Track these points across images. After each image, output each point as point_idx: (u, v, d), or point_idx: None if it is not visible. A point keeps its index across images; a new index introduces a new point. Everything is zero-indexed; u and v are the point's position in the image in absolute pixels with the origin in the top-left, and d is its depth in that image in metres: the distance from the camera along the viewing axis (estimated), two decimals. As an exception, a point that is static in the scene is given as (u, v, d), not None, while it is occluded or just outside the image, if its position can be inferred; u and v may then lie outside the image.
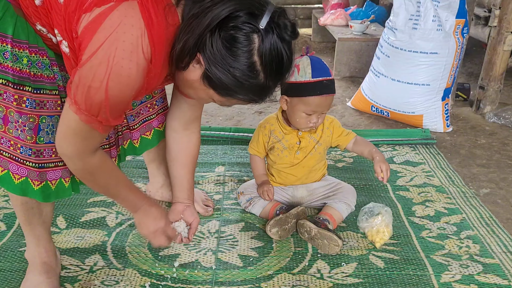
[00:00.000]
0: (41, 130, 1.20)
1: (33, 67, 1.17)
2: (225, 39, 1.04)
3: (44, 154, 1.22)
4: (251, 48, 1.05)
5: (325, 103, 1.62)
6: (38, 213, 1.34)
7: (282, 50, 1.08)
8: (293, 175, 1.80)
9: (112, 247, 1.62)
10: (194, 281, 1.48)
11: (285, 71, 1.12)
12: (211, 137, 2.39)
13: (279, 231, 1.65)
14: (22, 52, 1.14)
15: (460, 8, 2.46)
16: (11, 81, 1.14)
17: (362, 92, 2.86)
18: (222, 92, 1.12)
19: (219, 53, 1.05)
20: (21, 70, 1.14)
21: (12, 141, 1.19)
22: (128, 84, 1.06)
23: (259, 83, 1.10)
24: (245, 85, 1.09)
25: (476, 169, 2.21)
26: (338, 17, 3.77)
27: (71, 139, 1.12)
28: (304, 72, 1.60)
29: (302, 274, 1.51)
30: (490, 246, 1.65)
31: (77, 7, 1.05)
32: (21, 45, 1.14)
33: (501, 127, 2.68)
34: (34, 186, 1.23)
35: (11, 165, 1.20)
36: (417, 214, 1.83)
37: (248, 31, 1.04)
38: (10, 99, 1.15)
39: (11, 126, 1.17)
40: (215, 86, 1.11)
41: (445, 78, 2.57)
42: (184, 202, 1.51)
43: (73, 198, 1.87)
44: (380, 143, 2.40)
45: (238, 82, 1.08)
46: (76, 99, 1.06)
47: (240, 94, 1.12)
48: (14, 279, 1.46)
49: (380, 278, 1.50)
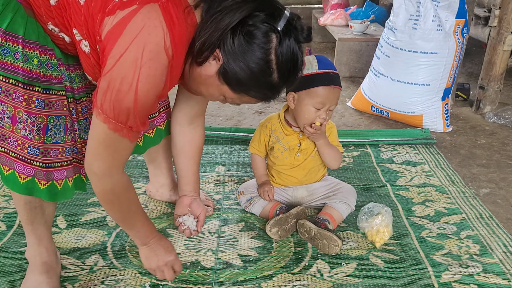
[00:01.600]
0: (49, 130, 1.22)
1: (43, 67, 1.18)
2: (244, 34, 1.08)
3: (51, 154, 1.24)
4: (269, 47, 1.09)
5: (333, 96, 1.63)
6: (40, 212, 1.34)
7: (298, 52, 1.13)
8: (293, 177, 1.80)
9: (112, 247, 1.62)
10: (194, 281, 1.48)
11: (297, 72, 1.17)
12: (211, 137, 2.39)
13: (279, 231, 1.65)
14: (32, 52, 1.16)
15: (460, 8, 2.46)
16: (21, 81, 1.15)
17: (362, 92, 2.86)
18: (236, 88, 1.15)
19: (238, 48, 1.08)
20: (31, 71, 1.16)
21: (20, 141, 1.20)
22: (155, 85, 1.08)
23: (273, 81, 1.14)
24: (259, 81, 1.12)
25: (476, 169, 2.21)
26: (338, 17, 3.77)
27: (102, 153, 1.13)
28: (310, 65, 1.63)
29: (302, 274, 1.51)
30: (490, 246, 1.65)
31: (100, 9, 1.07)
32: (31, 45, 1.15)
33: (501, 127, 2.68)
34: (40, 185, 1.24)
35: (17, 165, 1.21)
36: (417, 214, 1.83)
37: (267, 30, 1.08)
38: (19, 99, 1.16)
39: (19, 126, 1.18)
40: (230, 82, 1.14)
41: (445, 78, 2.57)
42: (191, 195, 1.53)
43: (73, 198, 1.87)
44: (380, 143, 2.40)
45: (253, 77, 1.11)
46: (104, 108, 1.07)
47: (253, 91, 1.16)
48: (14, 279, 1.46)
49: (380, 278, 1.50)
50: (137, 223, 1.31)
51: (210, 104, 3.09)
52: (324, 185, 1.84)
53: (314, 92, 1.61)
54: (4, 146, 1.20)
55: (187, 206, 1.51)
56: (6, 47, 1.12)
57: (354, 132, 2.51)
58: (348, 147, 2.37)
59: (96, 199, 1.88)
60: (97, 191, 1.20)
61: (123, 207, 1.25)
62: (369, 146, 2.38)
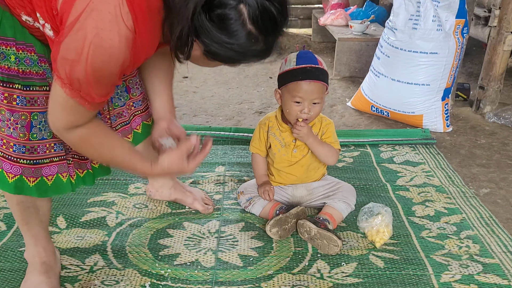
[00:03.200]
0: (33, 127, 1.20)
1: (21, 64, 1.16)
2: (215, 19, 1.03)
3: (38, 150, 1.23)
4: (242, 19, 1.04)
5: (310, 90, 1.62)
6: (34, 212, 1.34)
7: (270, 6, 1.06)
8: (292, 175, 1.80)
9: (112, 247, 1.62)
10: (194, 281, 1.48)
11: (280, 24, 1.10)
12: (211, 137, 2.39)
13: (279, 231, 1.65)
14: (9, 49, 1.13)
15: (460, 8, 2.46)
16: (0, 79, 1.14)
17: (362, 92, 2.86)
18: (228, 62, 1.14)
19: (214, 35, 1.04)
20: (9, 68, 1.14)
21: (5, 140, 1.19)
22: (111, 56, 1.02)
23: (260, 47, 1.10)
24: (247, 53, 1.10)
25: (476, 169, 2.21)
26: (338, 17, 3.77)
27: (58, 113, 1.10)
28: (290, 62, 1.66)
29: (302, 274, 1.51)
30: (490, 246, 1.65)
31: None
32: (7, 42, 1.13)
33: (501, 127, 2.68)
34: (29, 183, 1.23)
35: (4, 164, 1.21)
36: (417, 214, 1.83)
37: (234, 4, 1.02)
38: (0, 97, 1.15)
39: (3, 124, 1.18)
40: (220, 59, 1.12)
41: (445, 78, 2.57)
42: (167, 117, 1.47)
43: (73, 198, 1.88)
44: (380, 143, 2.40)
45: (240, 53, 1.09)
46: (59, 73, 1.04)
47: (245, 61, 1.14)
48: (14, 279, 1.46)
49: (380, 278, 1.50)
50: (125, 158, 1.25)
51: (210, 104, 3.10)
52: (323, 184, 1.84)
53: (291, 87, 1.64)
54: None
55: (165, 129, 1.45)
56: None
57: (354, 132, 2.51)
58: (348, 147, 2.37)
59: (96, 199, 1.88)
60: (68, 143, 1.20)
61: (103, 152, 1.22)
62: (369, 146, 2.38)
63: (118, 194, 1.93)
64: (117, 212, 1.81)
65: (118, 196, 1.92)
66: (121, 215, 1.79)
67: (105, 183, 1.99)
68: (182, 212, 1.83)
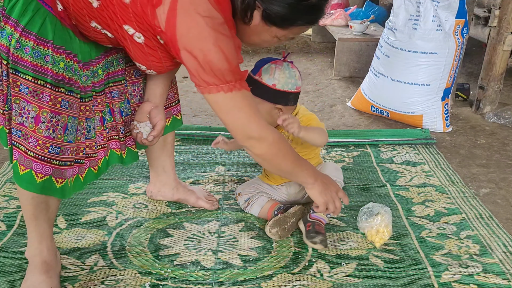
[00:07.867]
0: (67, 130, 1.29)
1: (68, 71, 1.27)
2: None
3: (65, 152, 1.30)
4: None
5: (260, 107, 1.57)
6: (45, 208, 1.36)
7: None
8: None
9: (112, 247, 1.62)
10: (194, 281, 1.48)
11: None
12: (211, 137, 2.39)
13: (279, 231, 1.65)
14: (59, 57, 1.24)
15: (460, 8, 2.46)
16: (49, 82, 1.23)
17: (362, 92, 2.86)
18: (283, 25, 1.28)
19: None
20: (57, 73, 1.24)
21: (41, 141, 1.24)
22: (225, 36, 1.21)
23: (312, 2, 1.25)
24: (300, 9, 1.24)
25: (476, 169, 2.22)
26: (338, 17, 3.77)
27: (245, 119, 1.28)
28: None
29: (302, 274, 1.51)
30: (490, 246, 1.65)
31: (148, 3, 1.20)
32: (59, 50, 1.24)
33: (501, 127, 2.68)
34: (57, 184, 1.29)
35: (34, 164, 1.25)
36: (416, 214, 1.83)
37: None
38: (45, 99, 1.23)
39: (42, 126, 1.24)
40: (275, 22, 1.27)
41: (445, 78, 2.57)
42: (152, 101, 1.52)
43: (73, 198, 1.88)
44: (380, 143, 2.40)
45: (293, 8, 1.24)
46: (207, 81, 1.21)
47: (298, 20, 1.28)
48: (14, 279, 1.46)
49: (380, 278, 1.50)
50: (303, 162, 1.45)
51: (210, 104, 3.09)
52: None
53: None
54: (25, 146, 1.24)
55: (147, 113, 1.51)
56: (37, 51, 1.20)
57: (354, 132, 2.51)
58: (348, 147, 2.37)
59: (96, 199, 1.88)
60: (263, 153, 1.34)
61: (289, 154, 1.39)
62: (369, 146, 2.38)
63: (118, 194, 1.93)
64: (117, 212, 1.81)
65: (118, 196, 1.92)
66: (121, 215, 1.80)
67: (105, 183, 2.00)
68: (182, 212, 1.83)
